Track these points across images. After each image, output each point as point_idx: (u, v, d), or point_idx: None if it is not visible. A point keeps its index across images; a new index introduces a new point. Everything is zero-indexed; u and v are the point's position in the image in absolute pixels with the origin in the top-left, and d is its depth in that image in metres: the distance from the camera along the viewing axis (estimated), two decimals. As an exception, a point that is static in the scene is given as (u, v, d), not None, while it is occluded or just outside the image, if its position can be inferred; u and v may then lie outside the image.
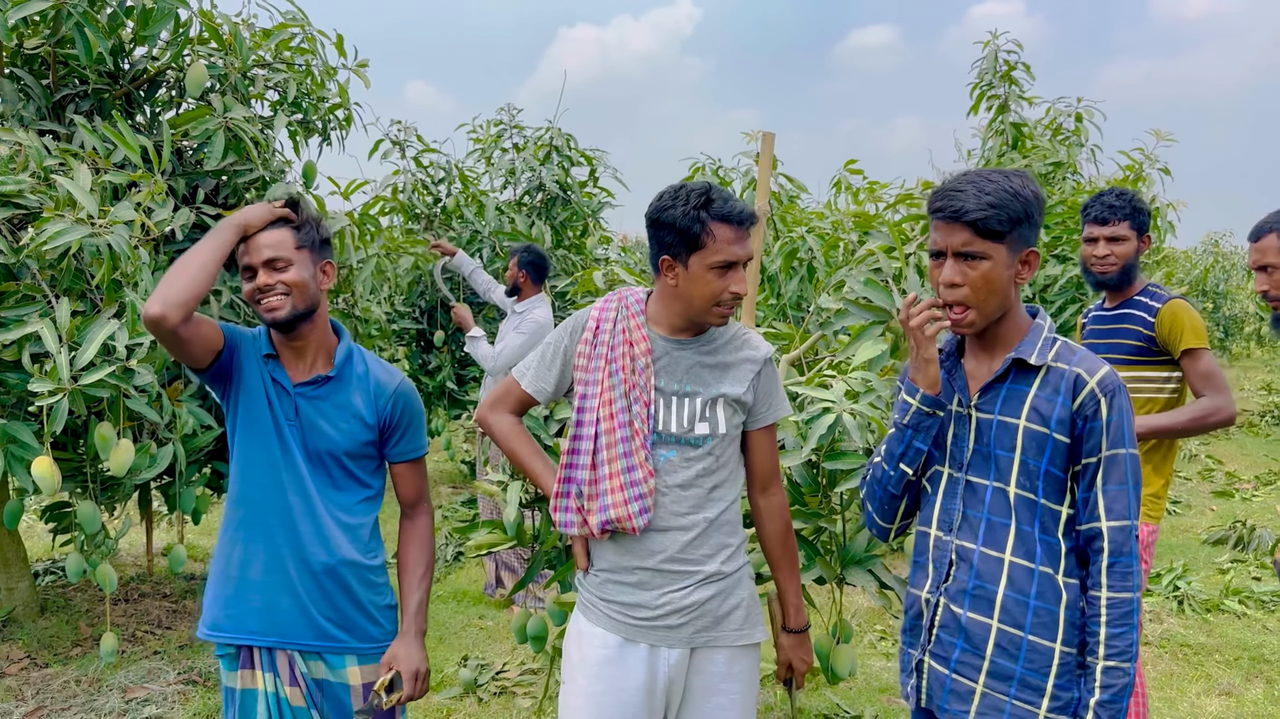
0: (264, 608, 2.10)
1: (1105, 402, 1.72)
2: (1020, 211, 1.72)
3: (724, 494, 2.11)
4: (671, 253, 2.02)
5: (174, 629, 4.64)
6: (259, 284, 2.04)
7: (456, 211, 7.10)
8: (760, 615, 2.19)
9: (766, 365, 2.14)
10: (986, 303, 1.76)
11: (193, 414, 3.75)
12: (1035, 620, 1.76)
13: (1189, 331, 2.93)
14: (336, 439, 2.11)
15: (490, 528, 2.93)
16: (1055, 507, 1.77)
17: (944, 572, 1.87)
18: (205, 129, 3.80)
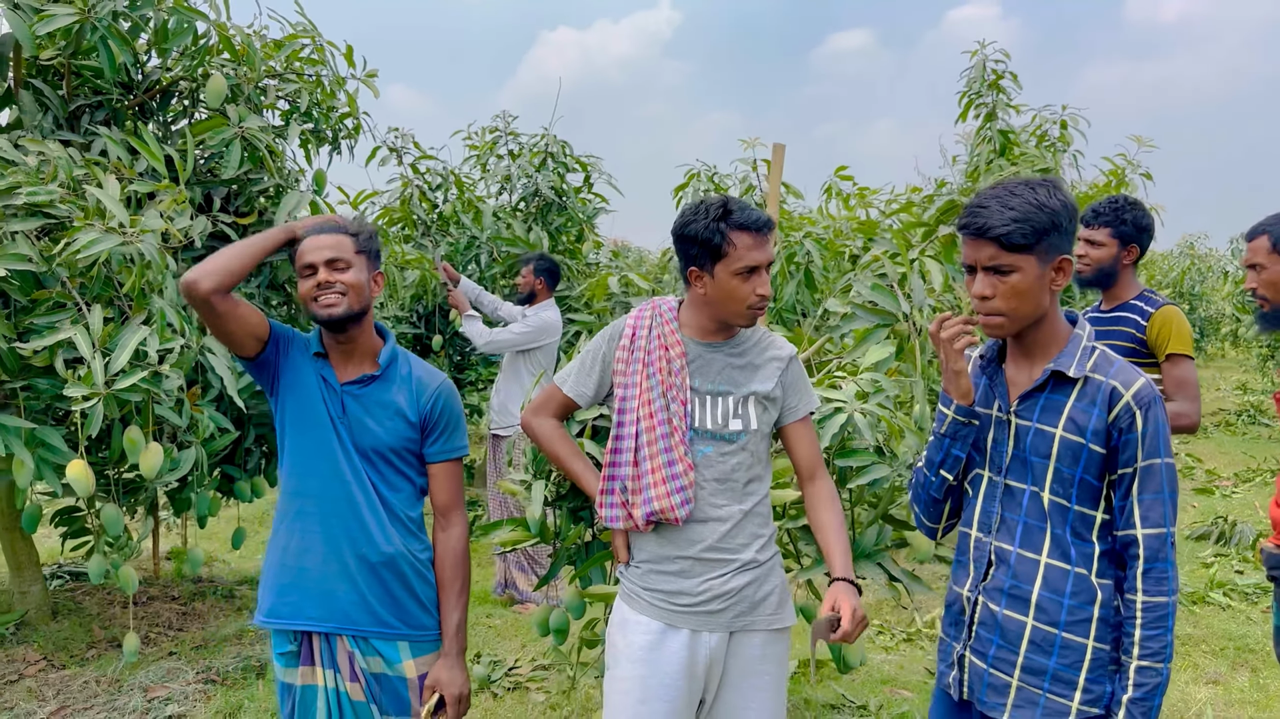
0: (322, 595, 2.18)
1: (1141, 414, 1.79)
2: (1046, 222, 1.78)
3: (757, 488, 2.23)
4: (698, 264, 2.16)
5: (185, 631, 4.70)
6: (319, 279, 2.14)
7: (454, 218, 7.19)
8: (791, 601, 2.31)
9: (792, 362, 2.29)
10: (1018, 310, 1.84)
11: (212, 418, 3.83)
12: (1069, 619, 1.83)
13: (1176, 337, 3.07)
14: (382, 436, 2.21)
15: (513, 526, 3.03)
16: (1089, 512, 1.85)
17: (983, 571, 1.95)
18: (222, 139, 3.88)
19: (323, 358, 2.23)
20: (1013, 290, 1.82)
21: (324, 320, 2.17)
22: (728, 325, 2.22)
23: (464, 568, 2.33)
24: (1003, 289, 1.83)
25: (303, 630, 2.21)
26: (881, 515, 2.91)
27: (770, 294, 2.19)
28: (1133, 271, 3.31)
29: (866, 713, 3.82)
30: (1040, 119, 6.39)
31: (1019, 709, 1.88)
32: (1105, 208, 3.27)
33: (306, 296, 2.17)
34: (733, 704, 2.24)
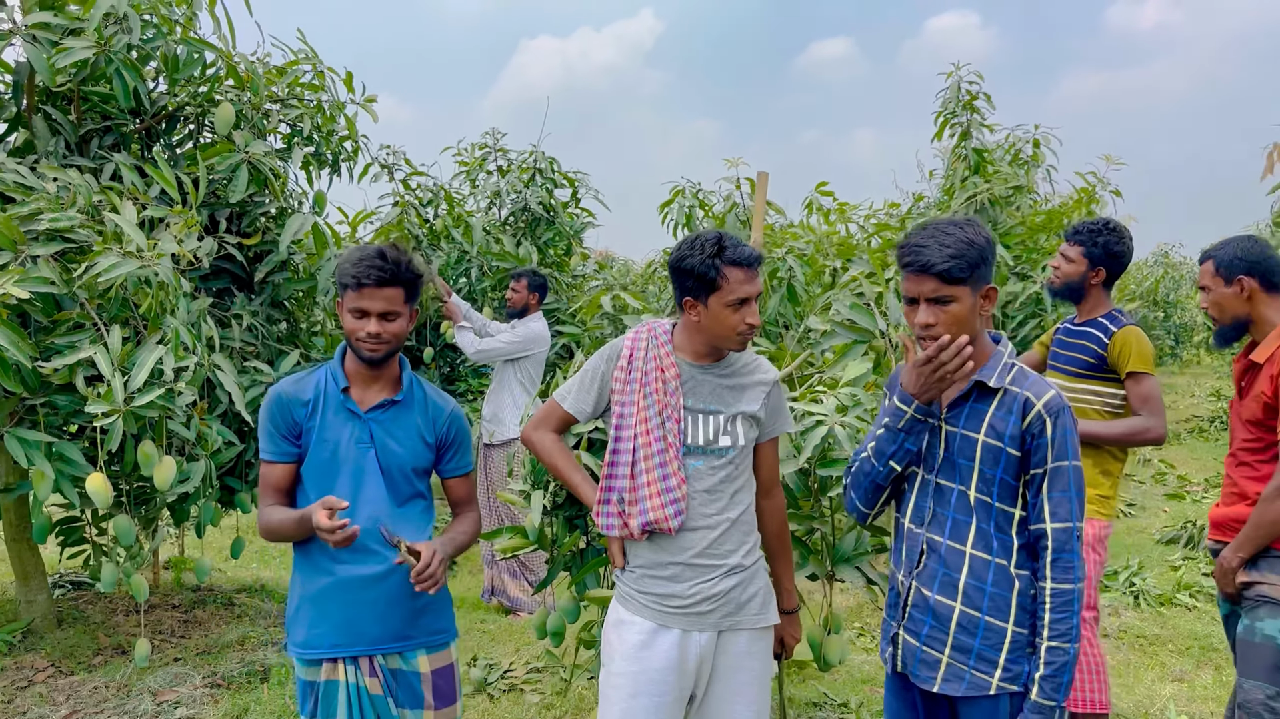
0: (346, 623, 2.37)
1: (1050, 421, 2.01)
2: (977, 257, 2.02)
3: (743, 498, 2.42)
4: (693, 294, 2.35)
5: (188, 638, 4.84)
6: (372, 330, 2.31)
7: (444, 233, 7.35)
8: (774, 601, 2.51)
9: (775, 387, 2.48)
10: (957, 336, 2.05)
11: (220, 433, 3.99)
12: (991, 604, 2.06)
13: (1136, 356, 3.29)
14: (405, 456, 2.40)
15: (512, 533, 3.20)
16: (1008, 509, 2.07)
17: (916, 559, 2.18)
18: (230, 164, 4.05)
19: (346, 391, 2.40)
20: (952, 318, 2.05)
21: (364, 359, 2.35)
22: (718, 350, 2.42)
23: (473, 525, 2.58)
24: (944, 318, 2.05)
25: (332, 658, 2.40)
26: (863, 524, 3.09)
27: (759, 323, 2.38)
28: (1103, 291, 3.51)
29: (847, 710, 4.00)
30: (1014, 138, 6.61)
31: (947, 683, 2.10)
32: (1084, 228, 3.48)
33: (353, 335, 2.33)
34: (721, 698, 2.43)
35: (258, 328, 4.39)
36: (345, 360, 2.43)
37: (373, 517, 2.36)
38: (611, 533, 2.43)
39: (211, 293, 4.47)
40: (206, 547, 6.75)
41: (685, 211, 6.82)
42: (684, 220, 6.88)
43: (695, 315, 2.37)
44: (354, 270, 2.29)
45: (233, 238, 4.28)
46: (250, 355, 4.37)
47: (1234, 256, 2.91)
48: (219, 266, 4.40)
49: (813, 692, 4.19)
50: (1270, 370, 2.81)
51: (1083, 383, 3.42)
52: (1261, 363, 2.87)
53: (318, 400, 2.38)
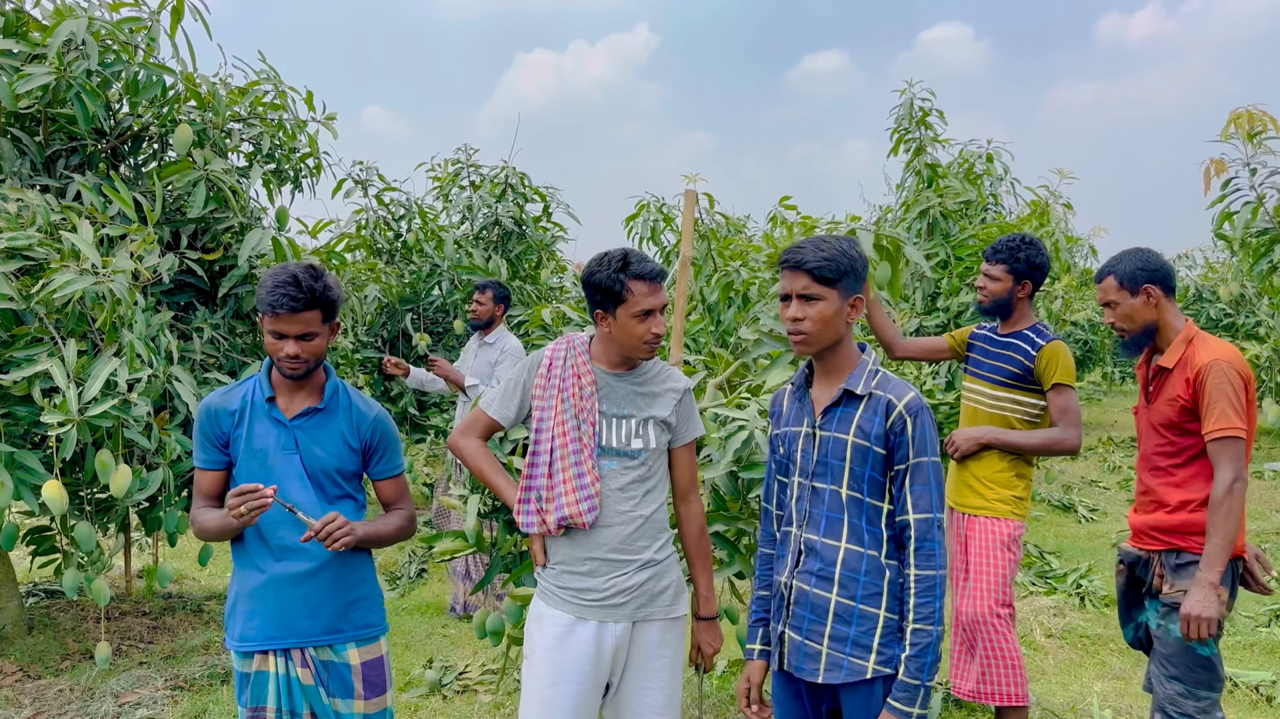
0: (278, 617, 2.51)
1: (910, 420, 2.17)
2: (847, 266, 2.20)
3: (655, 497, 2.58)
4: (602, 307, 2.52)
5: (155, 644, 4.97)
6: (289, 352, 2.44)
7: (417, 246, 7.51)
8: (685, 594, 2.66)
9: (686, 394, 2.64)
10: (820, 334, 2.23)
11: (179, 442, 4.12)
12: (864, 593, 2.21)
13: (1062, 370, 3.44)
14: (329, 460, 2.54)
15: (453, 537, 3.34)
16: (877, 503, 2.23)
17: (796, 559, 2.32)
18: (189, 181, 4.19)
19: (271, 400, 2.54)
20: (819, 317, 2.22)
21: (286, 376, 2.50)
22: (631, 359, 2.58)
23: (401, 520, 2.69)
24: (811, 314, 2.22)
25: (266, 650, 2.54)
26: (782, 522, 3.23)
27: (664, 332, 2.54)
28: (1028, 304, 3.67)
29: (788, 708, 4.14)
30: (967, 154, 6.77)
31: (829, 672, 2.24)
32: (1003, 246, 3.63)
33: (273, 354, 2.47)
34: (635, 685, 2.58)
35: (220, 340, 4.53)
36: (271, 372, 2.57)
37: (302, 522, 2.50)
38: (531, 530, 2.57)
39: (175, 306, 4.61)
40: (181, 555, 6.87)
41: (650, 225, 6.97)
42: (648, 234, 7.03)
43: (606, 327, 2.53)
44: (269, 297, 2.40)
45: (194, 253, 4.42)
46: (212, 367, 4.51)
47: (1135, 268, 3.04)
48: (182, 281, 4.54)
49: (756, 690, 4.32)
50: (1185, 374, 2.90)
51: (1006, 392, 3.57)
52: (1171, 367, 2.97)
53: (244, 410, 2.53)
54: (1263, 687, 4.31)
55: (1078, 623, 5.28)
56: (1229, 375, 2.86)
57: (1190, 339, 3.00)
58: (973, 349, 3.76)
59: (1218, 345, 2.98)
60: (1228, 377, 2.86)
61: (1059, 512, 8.29)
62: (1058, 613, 5.42)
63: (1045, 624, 5.24)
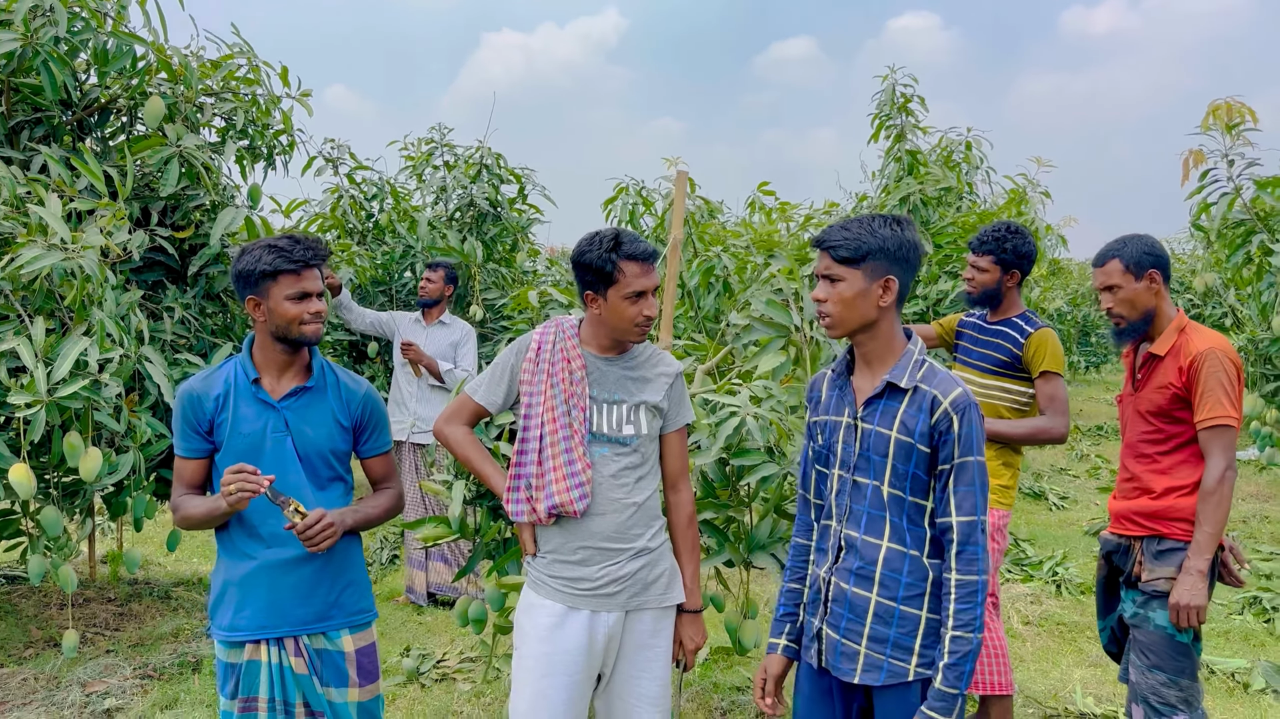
0: (271, 605, 2.44)
1: (956, 418, 2.08)
2: (873, 246, 2.11)
3: (647, 484, 2.53)
4: (593, 288, 2.45)
5: (122, 630, 4.85)
6: (318, 309, 2.40)
7: (389, 227, 7.37)
8: (679, 580, 2.60)
9: (678, 379, 2.58)
10: (843, 316, 2.15)
11: (150, 424, 4.00)
12: (905, 594, 2.14)
13: (1050, 357, 3.42)
14: (321, 441, 2.47)
15: (435, 523, 3.27)
16: (921, 502, 2.14)
17: (835, 555, 2.25)
18: (161, 157, 4.06)
19: (256, 382, 2.45)
20: (840, 297, 2.15)
21: (305, 341, 2.42)
22: (621, 342, 2.51)
23: (389, 500, 2.65)
24: (833, 295, 2.16)
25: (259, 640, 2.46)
26: (774, 509, 3.19)
27: (655, 315, 2.47)
28: (1017, 293, 3.64)
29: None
30: (947, 141, 6.77)
31: (867, 673, 2.17)
32: (989, 236, 3.59)
33: (294, 319, 2.39)
34: (628, 674, 2.53)
35: (190, 320, 4.40)
36: (254, 352, 2.48)
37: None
38: (521, 519, 2.51)
39: (145, 285, 4.47)
40: (147, 541, 6.72)
41: (628, 209, 6.90)
42: (627, 218, 6.95)
43: (596, 309, 2.46)
44: (280, 260, 2.36)
45: (165, 230, 4.29)
46: (182, 348, 4.38)
47: (1141, 252, 2.99)
48: (152, 259, 4.41)
49: (737, 676, 4.30)
50: (1178, 362, 2.89)
51: (995, 379, 3.54)
52: (1163, 355, 2.96)
53: (228, 394, 2.44)
54: (1238, 673, 4.35)
55: (1055, 610, 5.31)
56: (1224, 364, 2.86)
57: (1183, 328, 3.01)
58: (962, 337, 3.74)
59: (1211, 334, 2.97)
60: (1223, 365, 2.86)
61: (1030, 499, 8.36)
62: (1035, 600, 5.44)
63: (1023, 612, 5.26)
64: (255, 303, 2.41)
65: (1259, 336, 5.11)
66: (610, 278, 2.40)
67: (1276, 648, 4.73)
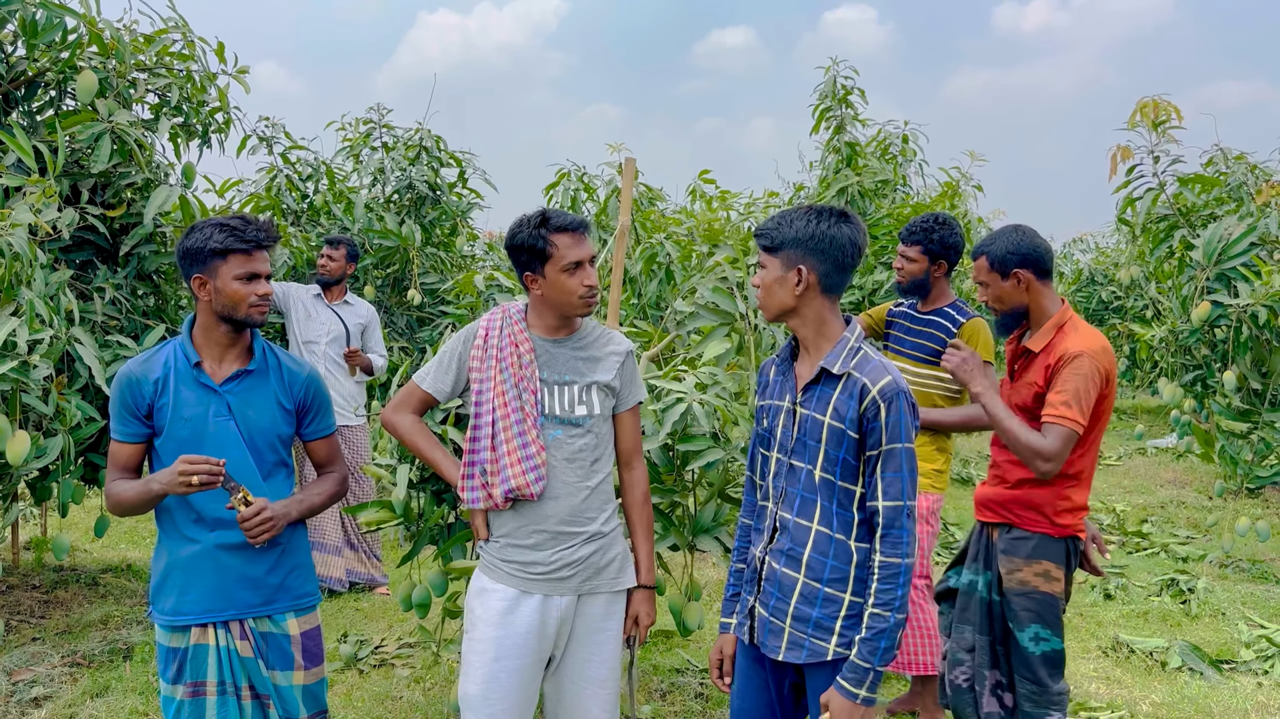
0: (217, 588, 2.41)
1: (884, 406, 2.13)
2: (789, 236, 2.20)
3: (602, 466, 2.54)
4: (530, 269, 2.47)
5: (49, 618, 4.72)
6: (264, 292, 2.37)
7: (324, 209, 7.25)
8: (630, 565, 2.62)
9: (629, 357, 2.59)
10: (766, 300, 2.26)
11: (79, 407, 3.90)
12: (830, 576, 2.20)
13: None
14: (266, 424, 2.45)
15: (378, 508, 3.25)
16: (850, 487, 2.20)
17: (769, 535, 2.31)
18: (92, 133, 3.95)
19: (198, 365, 2.42)
20: (762, 282, 2.26)
21: (250, 323, 2.40)
22: (568, 320, 2.52)
23: (332, 485, 2.63)
24: (758, 280, 2.28)
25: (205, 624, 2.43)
26: (718, 494, 3.24)
27: (596, 284, 2.46)
28: (946, 282, 3.72)
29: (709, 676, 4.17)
30: (885, 134, 6.88)
31: (790, 650, 2.24)
32: (917, 227, 3.68)
33: (241, 299, 2.36)
34: (579, 658, 2.55)
35: (121, 301, 4.30)
36: (194, 334, 2.44)
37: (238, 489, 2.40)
38: (476, 505, 2.51)
39: (74, 265, 4.35)
40: (73, 526, 6.55)
41: (570, 194, 6.90)
42: (569, 203, 6.95)
43: (538, 289, 2.47)
44: (231, 239, 2.34)
45: (95, 209, 4.17)
46: (113, 329, 4.28)
47: (1006, 251, 2.93)
48: (82, 238, 4.28)
49: (677, 659, 4.35)
50: (1046, 360, 2.83)
51: (928, 369, 3.63)
52: (1037, 351, 2.89)
53: (167, 378, 2.40)
54: (1156, 653, 4.53)
55: (982, 593, 5.45)
56: (1086, 369, 2.75)
57: (1061, 324, 2.90)
58: (893, 327, 3.82)
59: (1088, 335, 2.85)
60: (1086, 370, 2.75)
61: (957, 484, 8.56)
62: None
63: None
64: (202, 281, 2.38)
65: (1179, 328, 5.30)
66: (544, 254, 2.42)
67: (1193, 628, 4.93)
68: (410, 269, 7.08)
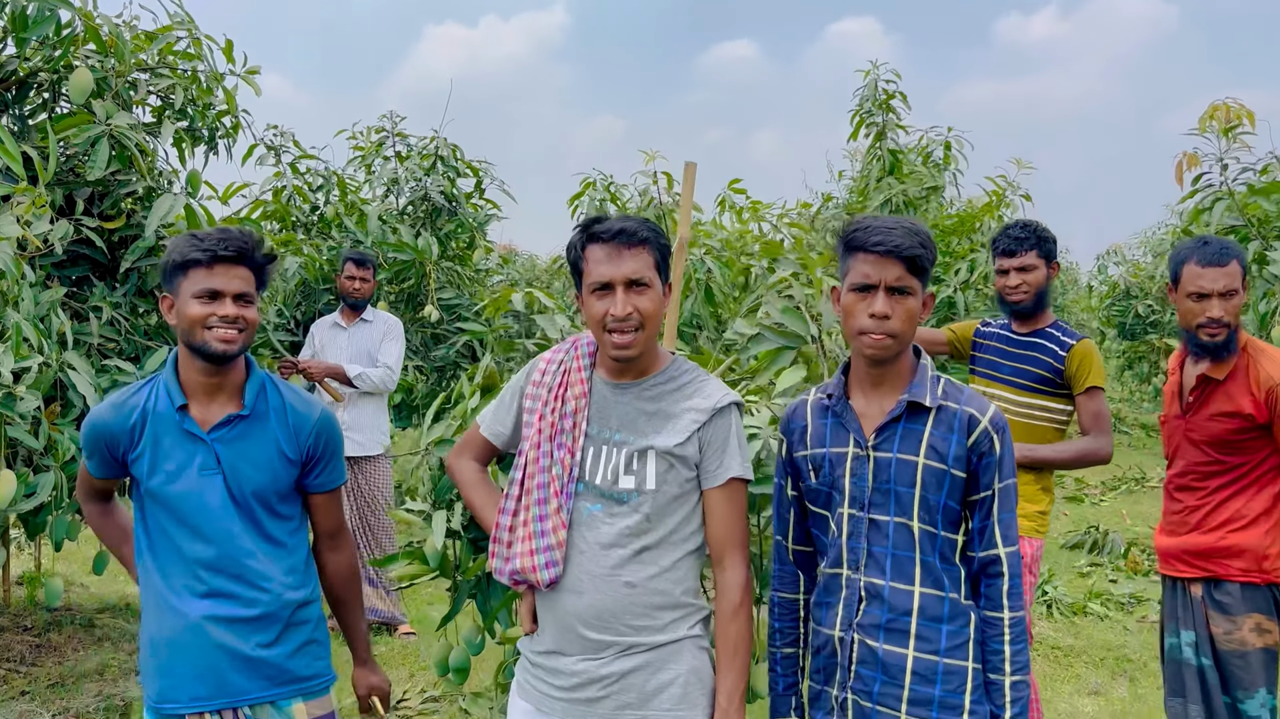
0: (207, 671, 2.04)
1: (998, 439, 1.87)
2: (932, 258, 1.89)
3: (656, 558, 1.92)
4: (578, 288, 1.98)
5: (40, 666, 4.34)
6: (226, 313, 1.96)
7: (336, 220, 6.90)
8: (704, 695, 1.96)
9: (718, 415, 1.94)
10: (906, 333, 1.87)
11: (72, 439, 3.53)
12: (949, 644, 1.86)
13: (1095, 372, 3.10)
14: (263, 480, 2.07)
15: (409, 558, 2.87)
16: (953, 536, 1.90)
17: (854, 608, 1.92)
18: (88, 137, 3.59)
19: (183, 409, 2.04)
20: (907, 313, 1.86)
21: (212, 354, 1.98)
22: (624, 362, 1.94)
23: (357, 582, 2.35)
24: (899, 310, 1.85)
25: None
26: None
27: (625, 315, 1.87)
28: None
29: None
30: (927, 139, 6.53)
31: None
32: (1022, 232, 3.22)
33: (196, 321, 1.97)
34: None
35: (120, 321, 3.94)
36: (179, 370, 2.06)
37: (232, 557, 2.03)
38: (502, 578, 2.02)
39: (69, 282, 4.00)
40: (69, 558, 6.16)
41: (596, 205, 6.54)
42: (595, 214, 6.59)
43: (584, 316, 1.98)
44: (193, 249, 1.96)
45: (92, 220, 3.82)
46: (111, 352, 3.91)
47: (1245, 260, 2.75)
48: (76, 252, 3.92)
49: None
50: (1247, 387, 2.66)
51: (1034, 398, 3.19)
52: (1221, 379, 2.72)
53: (143, 425, 2.03)
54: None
55: (1048, 633, 5.08)
56: None
57: (1243, 347, 2.76)
58: (983, 349, 3.39)
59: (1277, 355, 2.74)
60: None
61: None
62: (1027, 622, 5.21)
63: (1017, 635, 5.02)
64: (169, 303, 2.02)
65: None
66: (579, 270, 1.94)
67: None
68: (426, 284, 6.72)
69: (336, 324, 5.04)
